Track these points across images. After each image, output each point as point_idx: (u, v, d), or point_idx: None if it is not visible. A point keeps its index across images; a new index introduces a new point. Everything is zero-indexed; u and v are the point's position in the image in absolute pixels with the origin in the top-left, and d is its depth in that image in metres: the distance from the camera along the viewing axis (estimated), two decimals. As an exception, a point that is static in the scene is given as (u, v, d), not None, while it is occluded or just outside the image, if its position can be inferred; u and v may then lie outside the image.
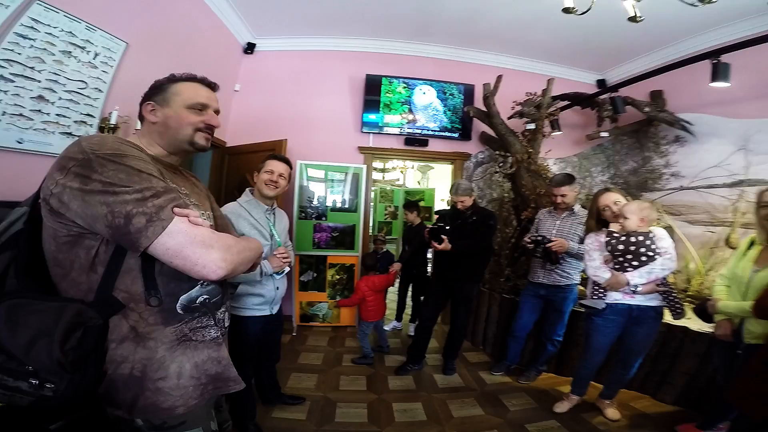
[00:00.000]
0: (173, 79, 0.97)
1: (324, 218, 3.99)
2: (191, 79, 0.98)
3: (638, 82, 3.35)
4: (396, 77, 4.19)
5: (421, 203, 7.21)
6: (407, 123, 4.24)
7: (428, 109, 4.27)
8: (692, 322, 2.37)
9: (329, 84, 4.26)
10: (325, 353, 3.29)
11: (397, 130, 4.24)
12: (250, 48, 4.12)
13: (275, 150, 3.50)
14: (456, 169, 4.44)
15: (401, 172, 8.29)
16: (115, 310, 0.79)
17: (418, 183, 8.69)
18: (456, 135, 4.31)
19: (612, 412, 2.37)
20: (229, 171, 4.15)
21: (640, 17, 2.12)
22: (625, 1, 2.10)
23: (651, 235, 2.10)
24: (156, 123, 0.95)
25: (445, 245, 2.71)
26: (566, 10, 2.25)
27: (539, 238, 2.65)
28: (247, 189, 2.02)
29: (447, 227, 2.77)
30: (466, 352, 3.38)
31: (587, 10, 2.15)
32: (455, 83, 4.28)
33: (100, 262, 0.78)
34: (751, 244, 1.85)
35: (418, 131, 4.26)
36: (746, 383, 1.49)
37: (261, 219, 1.90)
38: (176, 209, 0.78)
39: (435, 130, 4.29)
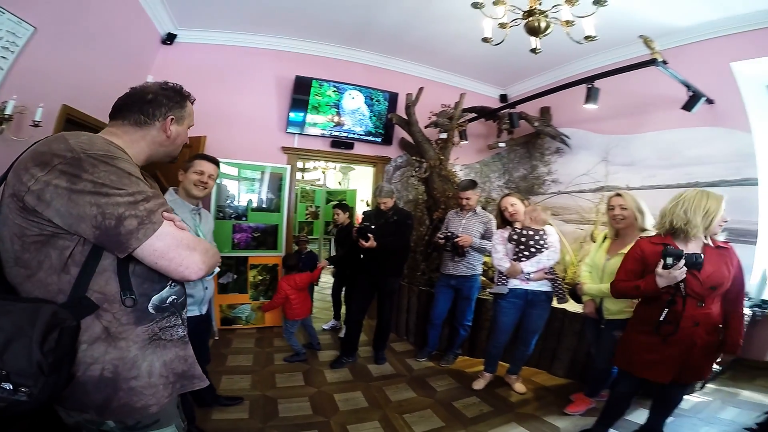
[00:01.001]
0: (187, 98, 1.03)
1: (244, 218, 3.95)
2: (191, 100, 1.05)
3: (532, 100, 3.92)
4: (327, 80, 4.29)
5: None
6: (334, 126, 4.38)
7: (356, 113, 4.47)
8: (570, 305, 2.91)
9: (256, 82, 4.20)
10: (255, 354, 3.30)
11: (323, 132, 4.36)
12: (169, 39, 3.86)
13: (193, 146, 3.38)
14: (378, 171, 4.74)
15: (323, 172, 8.39)
16: (90, 311, 0.79)
17: (339, 183, 8.88)
18: (379, 140, 4.59)
19: (519, 386, 2.82)
20: (146, 167, 3.86)
21: (539, 50, 2.59)
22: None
23: (541, 231, 2.63)
24: (169, 137, 0.98)
25: (372, 243, 2.96)
26: (485, 40, 2.62)
27: (449, 234, 3.08)
28: (170, 188, 1.98)
29: (372, 226, 3.01)
30: (392, 343, 3.65)
31: (501, 42, 2.56)
32: (382, 90, 4.53)
33: (75, 263, 0.78)
34: (605, 238, 2.43)
35: (345, 134, 4.43)
36: (643, 355, 1.78)
37: (187, 219, 1.88)
38: (165, 213, 0.82)
39: (360, 134, 4.50)
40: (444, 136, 4.12)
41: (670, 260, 1.59)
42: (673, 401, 1.99)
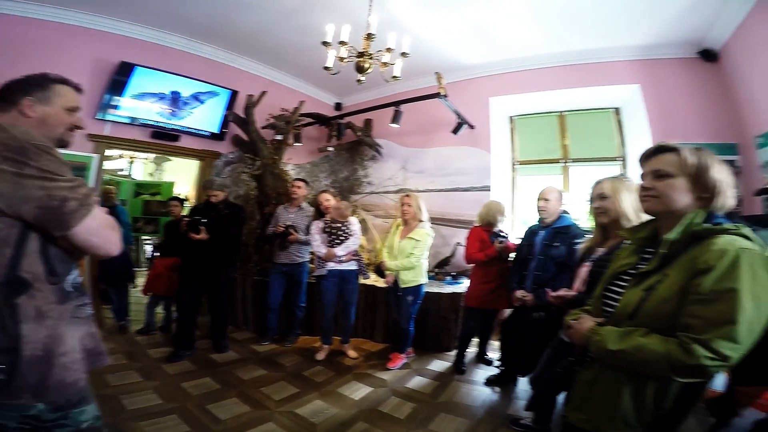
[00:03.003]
0: (53, 80, 1.09)
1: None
2: (66, 82, 1.12)
3: (358, 114, 4.80)
4: (158, 69, 4.13)
5: (158, 197, 6.90)
6: (163, 116, 4.25)
7: (189, 106, 4.42)
8: (378, 281, 3.80)
9: (66, 63, 3.62)
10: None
11: (147, 121, 4.18)
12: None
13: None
14: (206, 166, 4.77)
15: (130, 161, 7.48)
16: (25, 289, 0.87)
17: (151, 175, 8.06)
18: (209, 134, 4.65)
19: (351, 353, 3.49)
20: None
21: (363, 81, 3.22)
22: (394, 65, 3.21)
23: (347, 222, 3.44)
24: (32, 118, 1.03)
25: (203, 235, 3.19)
26: (326, 68, 3.16)
27: (291, 225, 3.62)
28: None
29: (203, 219, 3.23)
30: (231, 333, 3.86)
31: (337, 72, 3.18)
32: (221, 86, 4.59)
33: (7, 244, 0.86)
34: (398, 226, 3.43)
35: (172, 126, 4.33)
36: (488, 296, 3.06)
37: None
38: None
39: (190, 128, 4.46)
40: (280, 138, 4.56)
41: (500, 239, 3.00)
42: (492, 325, 3.35)
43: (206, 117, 4.60)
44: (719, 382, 1.08)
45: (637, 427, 1.00)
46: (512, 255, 2.98)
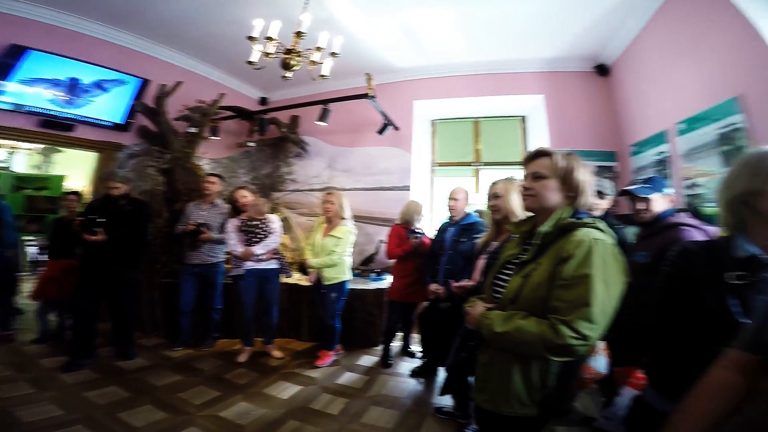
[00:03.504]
0: None
1: None
2: None
3: (285, 110, 4.71)
4: (56, 54, 3.71)
5: (44, 192, 6.14)
6: (55, 104, 3.81)
7: (88, 94, 4.01)
8: (303, 281, 3.82)
9: None
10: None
11: (34, 109, 3.71)
12: None
13: None
14: (105, 158, 4.33)
15: (10, 151, 6.47)
16: None
17: (37, 168, 7.06)
18: (112, 125, 4.25)
19: (276, 352, 3.43)
20: None
21: (290, 77, 3.19)
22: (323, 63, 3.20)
23: (266, 219, 3.40)
24: None
25: (101, 236, 2.91)
26: (249, 63, 3.07)
27: (203, 223, 3.45)
28: None
29: (101, 219, 2.94)
30: (139, 340, 3.56)
31: (262, 67, 3.09)
32: (130, 74, 4.23)
33: None
34: (321, 224, 3.46)
35: (66, 115, 3.89)
36: (406, 290, 3.28)
37: None
38: None
39: (89, 117, 4.05)
40: (194, 130, 4.31)
41: (415, 235, 3.19)
42: (412, 318, 3.53)
43: (110, 106, 4.21)
44: (601, 363, 1.20)
45: (530, 405, 1.10)
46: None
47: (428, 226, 4.37)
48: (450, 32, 4.06)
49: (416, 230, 3.30)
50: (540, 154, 1.24)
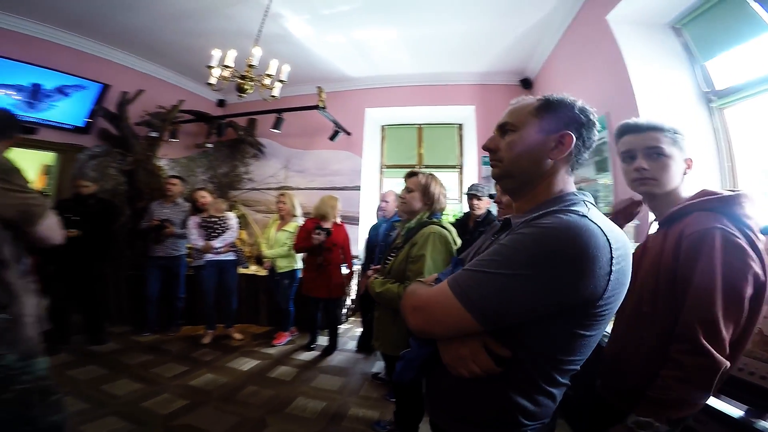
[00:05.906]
0: None
1: None
2: None
3: (244, 116, 5.13)
4: (17, 60, 3.94)
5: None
6: (18, 107, 4.07)
7: (49, 99, 4.28)
8: (260, 271, 4.39)
9: None
10: None
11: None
12: None
13: None
14: (66, 159, 4.61)
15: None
16: (4, 266, 1.26)
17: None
18: (72, 128, 4.53)
19: (237, 335, 3.99)
20: None
21: (245, 96, 3.65)
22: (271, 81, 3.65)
23: (224, 217, 3.96)
24: None
25: (75, 233, 3.28)
26: (209, 85, 3.46)
27: (166, 219, 3.90)
28: None
29: (75, 217, 3.32)
30: (109, 328, 3.89)
31: (220, 89, 3.55)
32: (90, 79, 4.47)
33: None
34: (275, 221, 4.03)
35: (27, 118, 4.13)
36: (312, 282, 3.56)
37: None
38: None
39: (50, 120, 4.33)
40: (155, 134, 4.69)
41: (317, 231, 3.42)
42: (334, 313, 3.80)
43: (71, 110, 4.47)
44: None
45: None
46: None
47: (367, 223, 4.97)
48: (396, 47, 4.61)
49: (321, 227, 3.51)
50: (412, 174, 1.91)
